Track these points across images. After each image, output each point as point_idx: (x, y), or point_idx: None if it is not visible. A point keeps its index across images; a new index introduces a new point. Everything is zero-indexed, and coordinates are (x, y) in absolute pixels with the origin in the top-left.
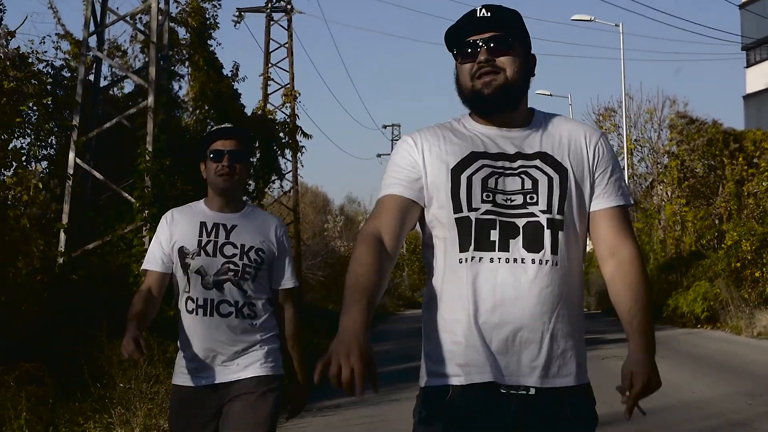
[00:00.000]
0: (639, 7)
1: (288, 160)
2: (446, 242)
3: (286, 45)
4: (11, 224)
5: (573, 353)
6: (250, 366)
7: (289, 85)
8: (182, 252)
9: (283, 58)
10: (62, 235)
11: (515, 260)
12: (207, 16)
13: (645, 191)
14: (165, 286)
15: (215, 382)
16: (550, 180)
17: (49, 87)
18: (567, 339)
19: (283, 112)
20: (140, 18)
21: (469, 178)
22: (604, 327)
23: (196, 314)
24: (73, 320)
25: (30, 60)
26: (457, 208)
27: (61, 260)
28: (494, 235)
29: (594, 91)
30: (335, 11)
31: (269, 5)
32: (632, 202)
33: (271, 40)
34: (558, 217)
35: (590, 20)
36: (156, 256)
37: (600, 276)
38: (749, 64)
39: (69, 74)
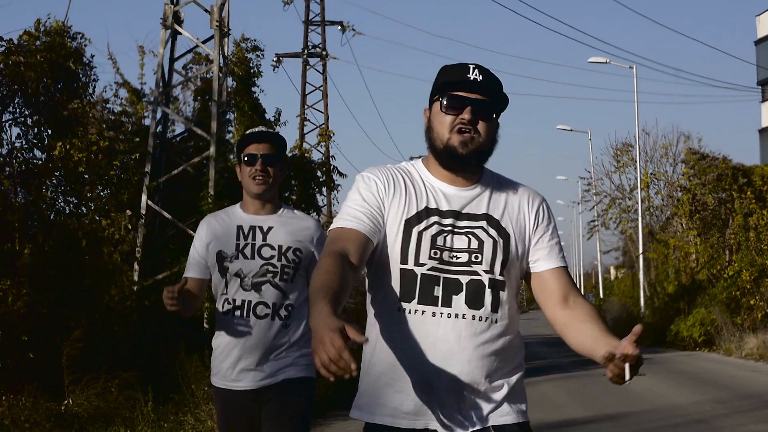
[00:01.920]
0: (652, 54)
1: (324, 195)
2: (391, 290)
3: (321, 88)
4: (105, 259)
5: (511, 400)
6: (284, 369)
7: (323, 125)
8: (220, 256)
9: (319, 101)
10: (136, 267)
11: (456, 315)
12: (252, 65)
13: (663, 224)
14: (204, 290)
15: (250, 387)
16: (495, 243)
17: (122, 137)
18: (504, 388)
19: (318, 150)
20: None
21: (420, 234)
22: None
23: (233, 315)
24: (155, 338)
25: (120, 119)
26: (404, 259)
27: (135, 288)
28: (438, 290)
29: (612, 127)
30: (367, 57)
31: (306, 51)
32: (566, 263)
33: (307, 84)
34: (500, 278)
35: (605, 62)
36: (192, 263)
37: (614, 304)
38: (764, 99)
39: (127, 119)
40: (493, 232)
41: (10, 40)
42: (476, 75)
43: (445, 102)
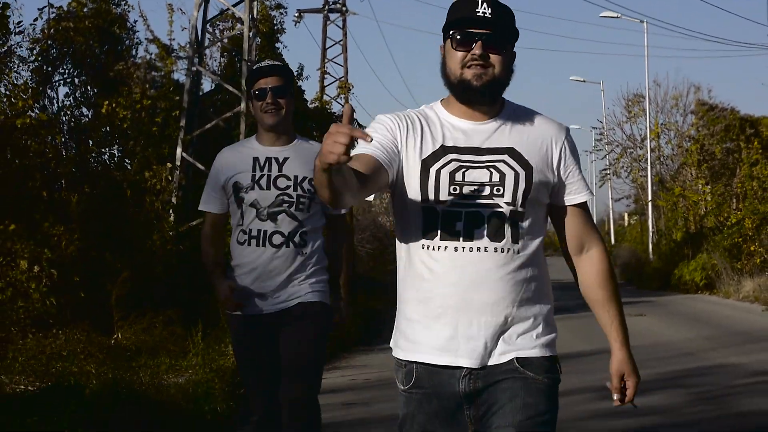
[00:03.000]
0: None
1: None
2: (413, 226)
3: (341, 42)
4: (148, 207)
5: (537, 332)
6: (299, 294)
7: (343, 78)
8: (237, 187)
9: (338, 55)
10: (171, 214)
11: (479, 249)
12: (275, 22)
13: (673, 173)
14: (225, 223)
15: (267, 311)
16: (517, 175)
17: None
18: (530, 320)
19: (338, 102)
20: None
21: (438, 171)
22: (627, 294)
23: (248, 245)
24: (192, 278)
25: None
26: (424, 198)
27: (171, 233)
28: (459, 225)
29: (624, 79)
30: (386, 12)
31: (326, 7)
32: (593, 194)
33: (327, 38)
34: (520, 209)
35: (617, 17)
36: (211, 197)
37: (624, 250)
38: None
39: (157, 73)
40: (514, 164)
41: (60, 7)
42: (485, 9)
43: (455, 38)
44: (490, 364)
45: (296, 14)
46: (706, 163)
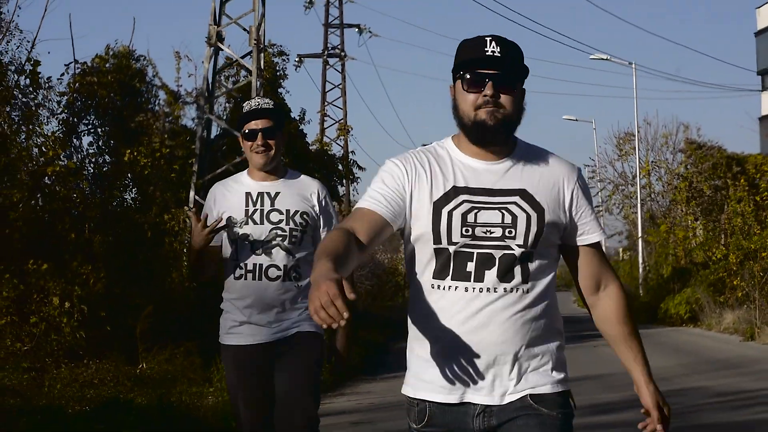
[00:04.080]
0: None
1: (343, 185)
2: (426, 267)
3: (340, 86)
4: (167, 248)
5: (548, 368)
6: (295, 325)
7: (342, 120)
8: (230, 222)
9: (338, 98)
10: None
11: (488, 289)
12: (278, 69)
13: (666, 210)
14: (218, 258)
15: (263, 341)
16: (529, 217)
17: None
18: (541, 357)
19: (337, 144)
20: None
21: (450, 213)
22: None
23: (245, 279)
24: (209, 313)
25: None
26: (437, 240)
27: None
28: (471, 266)
29: (615, 118)
30: (383, 57)
31: (325, 52)
32: (605, 233)
33: (327, 82)
34: (531, 250)
35: (606, 59)
36: None
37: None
38: (765, 88)
39: (167, 118)
40: (526, 206)
41: (85, 62)
42: (494, 48)
43: (466, 80)
44: (503, 402)
45: (297, 59)
46: (694, 200)
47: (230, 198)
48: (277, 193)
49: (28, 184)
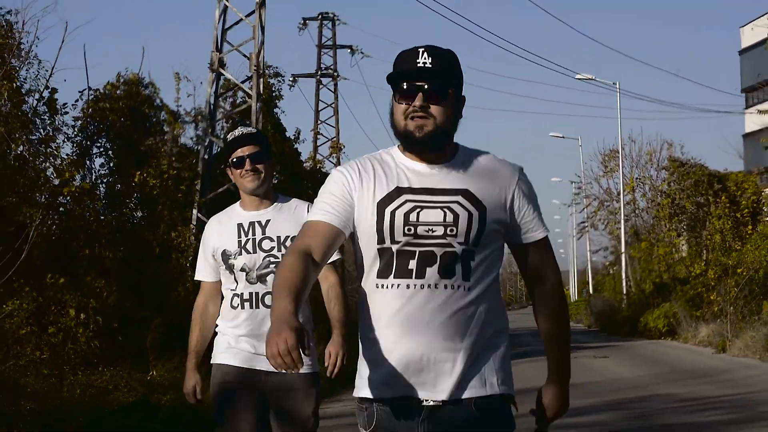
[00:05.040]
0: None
1: None
2: (371, 268)
3: (333, 105)
4: (174, 263)
5: (487, 368)
6: None
7: (335, 138)
8: (225, 254)
9: (330, 117)
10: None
11: (429, 286)
12: (273, 89)
13: (651, 226)
14: (218, 292)
15: (257, 368)
16: (470, 216)
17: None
18: (480, 355)
19: (330, 161)
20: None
21: (393, 212)
22: (598, 340)
23: (242, 308)
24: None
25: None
26: (380, 239)
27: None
28: (412, 264)
29: (601, 135)
30: (375, 77)
31: (318, 72)
32: (547, 231)
33: (320, 101)
34: (473, 248)
35: (592, 79)
36: (205, 266)
37: (599, 299)
38: (748, 106)
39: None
40: (468, 205)
41: (98, 89)
42: (425, 59)
43: (398, 91)
44: (445, 399)
45: (291, 78)
46: (676, 217)
47: (223, 231)
48: (267, 221)
49: (45, 203)
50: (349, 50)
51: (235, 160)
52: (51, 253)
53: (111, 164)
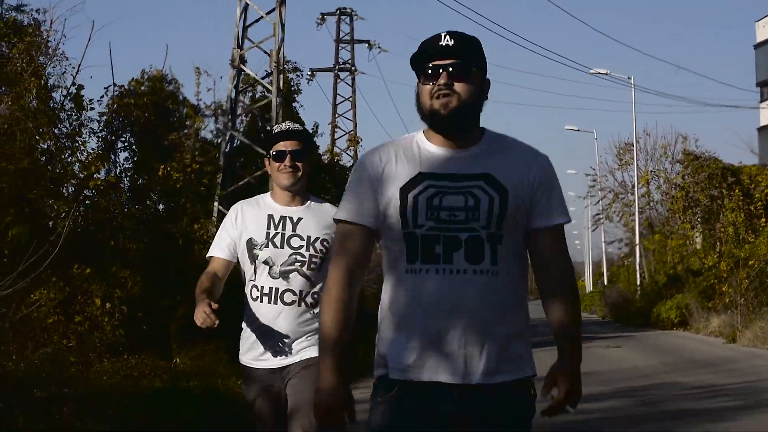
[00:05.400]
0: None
1: None
2: (396, 253)
3: (350, 99)
4: (196, 254)
5: (514, 352)
6: (307, 348)
7: (352, 132)
8: (250, 243)
9: (348, 110)
10: None
11: (458, 271)
12: (292, 84)
13: (666, 218)
14: (228, 272)
15: (275, 366)
16: (492, 200)
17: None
18: (508, 339)
19: (347, 154)
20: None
21: (416, 197)
22: (611, 330)
23: (261, 302)
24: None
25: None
26: (404, 224)
27: None
28: (438, 248)
29: (616, 128)
30: (391, 71)
31: (336, 66)
32: (569, 219)
33: (337, 95)
34: (498, 233)
35: (606, 73)
36: (223, 244)
37: (613, 290)
38: (763, 99)
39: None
40: (490, 189)
41: (122, 85)
42: (447, 41)
43: (422, 72)
44: (472, 383)
45: (309, 73)
46: (690, 210)
47: (253, 218)
48: (299, 219)
49: (72, 196)
50: (366, 45)
51: (275, 153)
52: (77, 244)
53: (135, 158)
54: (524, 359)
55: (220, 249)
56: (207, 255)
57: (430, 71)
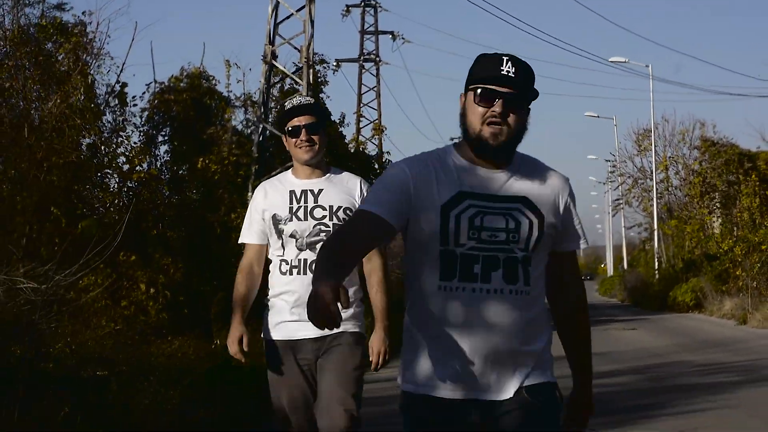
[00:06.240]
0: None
1: None
2: (431, 269)
3: (375, 89)
4: (233, 242)
5: (540, 365)
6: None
7: (377, 121)
8: (275, 219)
9: (372, 100)
10: None
11: (495, 291)
12: (319, 76)
13: (685, 203)
14: (263, 256)
15: (310, 336)
16: (531, 223)
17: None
18: (536, 354)
19: (372, 143)
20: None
21: (458, 216)
22: (629, 313)
23: (290, 274)
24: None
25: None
26: (444, 241)
27: None
28: (477, 268)
29: (635, 115)
30: (415, 62)
31: (361, 57)
32: (587, 242)
33: (362, 85)
34: (531, 254)
35: (625, 61)
36: (253, 229)
37: (632, 274)
38: None
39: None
40: (529, 213)
41: (162, 82)
42: (509, 68)
43: (478, 94)
44: (504, 398)
45: (334, 63)
46: (708, 195)
47: (275, 196)
48: (320, 190)
49: (117, 188)
50: (390, 36)
51: (290, 129)
52: (123, 232)
53: (174, 151)
54: (548, 370)
55: (251, 234)
56: (239, 241)
57: (486, 94)
